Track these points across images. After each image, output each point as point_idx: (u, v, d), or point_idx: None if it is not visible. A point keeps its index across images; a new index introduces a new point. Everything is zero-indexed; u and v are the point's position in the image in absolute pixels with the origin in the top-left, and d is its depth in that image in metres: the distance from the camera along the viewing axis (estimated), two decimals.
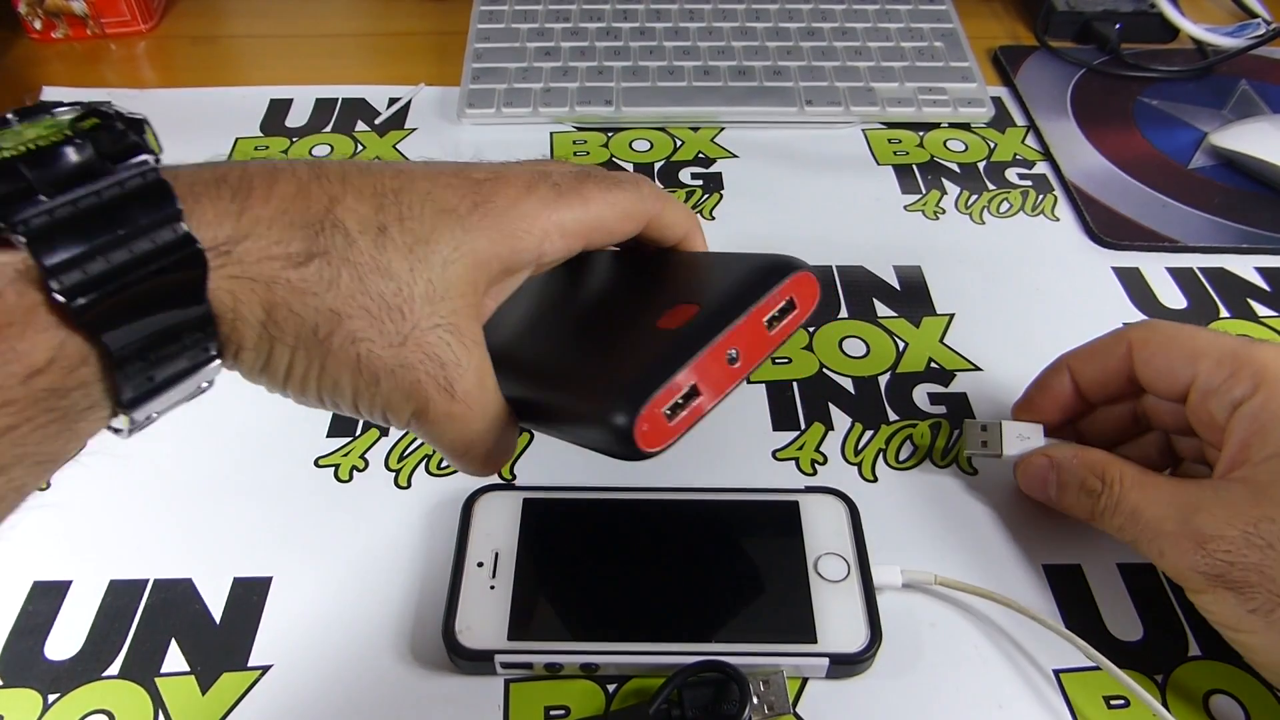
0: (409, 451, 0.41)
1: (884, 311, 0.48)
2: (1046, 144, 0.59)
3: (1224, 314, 0.49)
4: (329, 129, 0.59)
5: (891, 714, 0.33)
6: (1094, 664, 0.33)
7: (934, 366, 0.45)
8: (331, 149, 0.58)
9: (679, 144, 0.59)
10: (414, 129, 0.60)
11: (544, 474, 0.40)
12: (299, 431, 0.42)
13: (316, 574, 0.37)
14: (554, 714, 0.33)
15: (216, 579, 0.36)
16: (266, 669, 0.34)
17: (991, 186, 0.56)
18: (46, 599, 0.36)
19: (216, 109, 0.61)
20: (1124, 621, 0.36)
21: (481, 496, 0.37)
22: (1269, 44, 0.65)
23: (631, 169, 0.57)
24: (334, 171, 0.26)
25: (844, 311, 0.48)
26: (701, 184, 0.56)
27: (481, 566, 0.35)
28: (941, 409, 0.43)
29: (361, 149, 0.58)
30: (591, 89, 0.60)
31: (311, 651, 0.34)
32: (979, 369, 0.45)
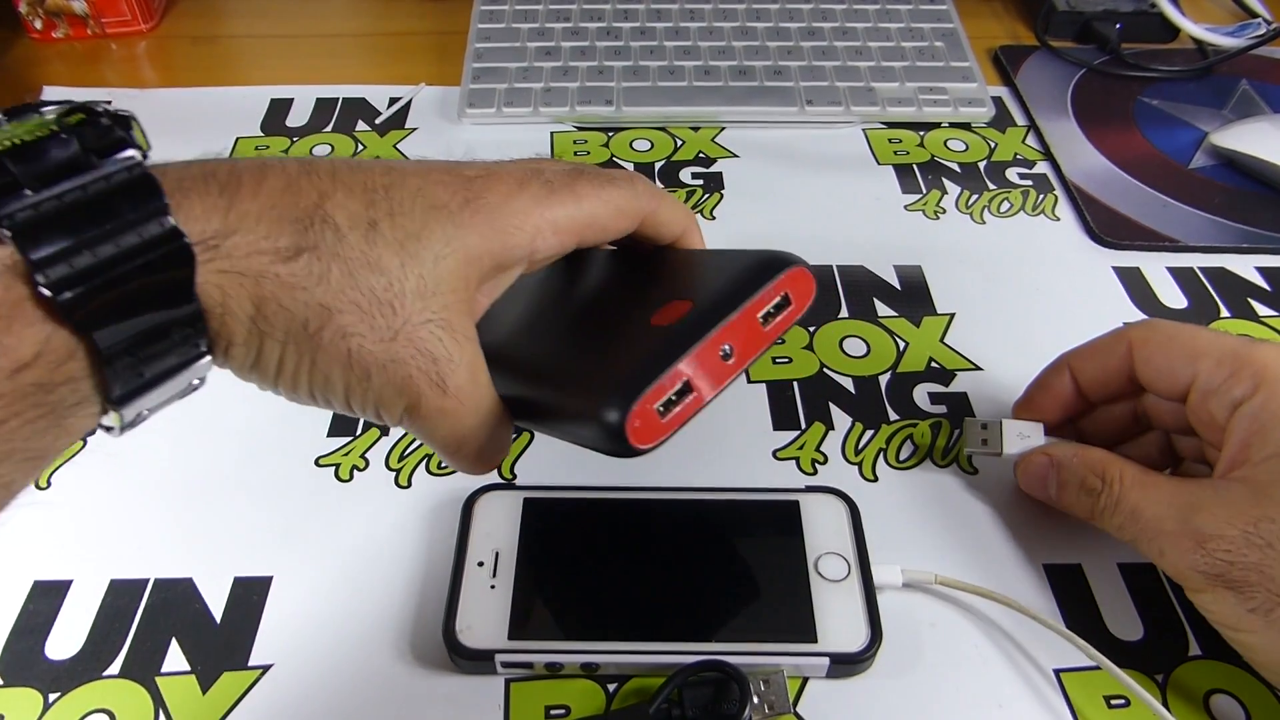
0: (409, 451, 0.41)
1: (884, 311, 0.48)
2: (1047, 144, 0.59)
3: (1224, 314, 0.49)
4: (329, 129, 0.59)
5: (891, 714, 0.33)
6: (1094, 664, 0.33)
7: (934, 366, 0.45)
8: (332, 149, 0.58)
9: (679, 144, 0.59)
10: (414, 129, 0.60)
11: (544, 474, 0.40)
12: (299, 431, 0.42)
13: (317, 574, 0.37)
14: (554, 714, 0.33)
15: (217, 578, 0.36)
16: (267, 668, 0.34)
17: (992, 186, 0.56)
18: (47, 598, 0.36)
19: (217, 109, 0.61)
20: (1124, 621, 0.36)
21: (482, 496, 0.37)
22: (1269, 44, 0.65)
23: (632, 169, 0.57)
24: (324, 168, 0.26)
25: (844, 311, 0.48)
26: (702, 184, 0.56)
27: (482, 566, 0.35)
28: (942, 408, 0.43)
29: (362, 149, 0.58)
30: (592, 89, 0.60)
31: (312, 651, 0.34)
32: (979, 368, 0.45)
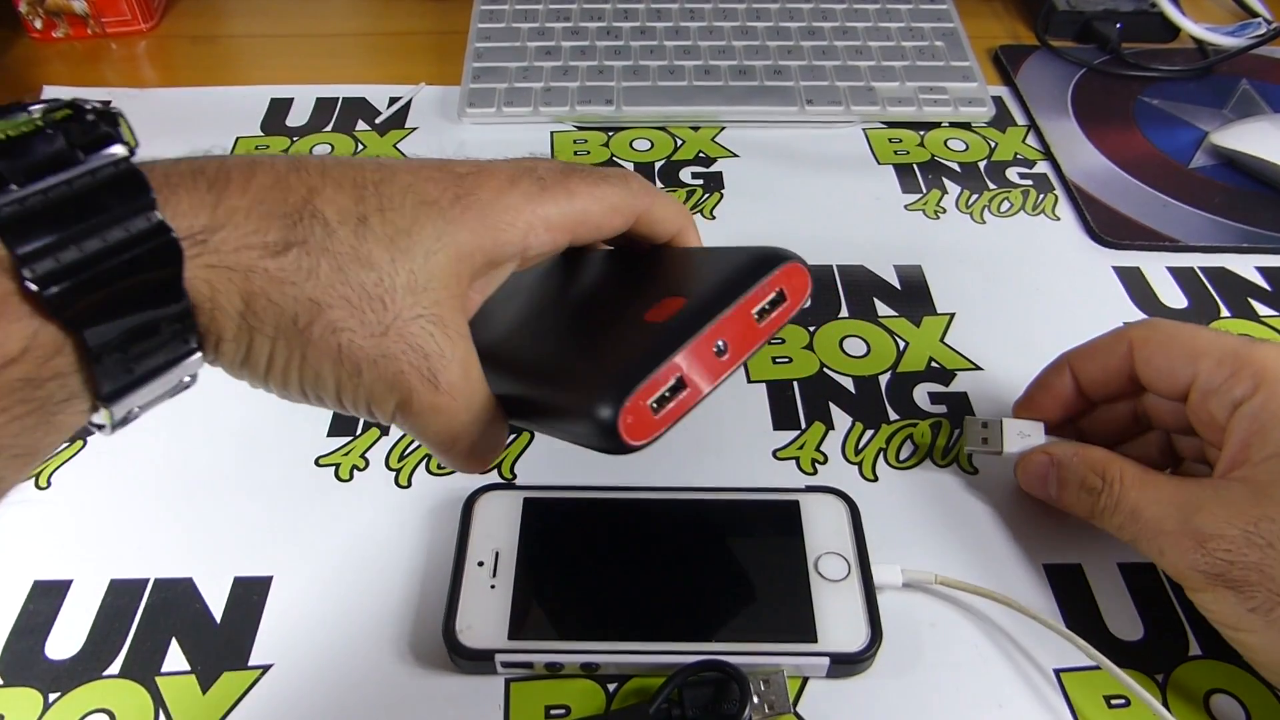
0: (409, 451, 0.41)
1: (884, 311, 0.48)
2: (1047, 143, 0.59)
3: (1225, 313, 0.49)
4: (329, 128, 0.59)
5: (891, 713, 0.33)
6: (1094, 663, 0.33)
7: (934, 366, 0.45)
8: (332, 148, 0.58)
9: (679, 143, 0.59)
10: (414, 128, 0.60)
11: (544, 474, 0.40)
12: (299, 431, 0.42)
13: (316, 573, 0.37)
14: (554, 713, 0.33)
15: (217, 578, 0.36)
16: (267, 668, 0.34)
17: (992, 186, 0.56)
18: (47, 598, 0.36)
19: (217, 108, 0.61)
20: (1124, 621, 0.36)
21: (482, 496, 0.37)
22: (1269, 43, 0.65)
23: (632, 168, 0.57)
24: (313, 164, 0.26)
25: (844, 311, 0.48)
26: (702, 183, 0.56)
27: (482, 566, 0.35)
28: (942, 408, 0.43)
29: (362, 148, 0.58)
30: (592, 88, 0.60)
31: (312, 651, 0.34)
32: (979, 368, 0.45)
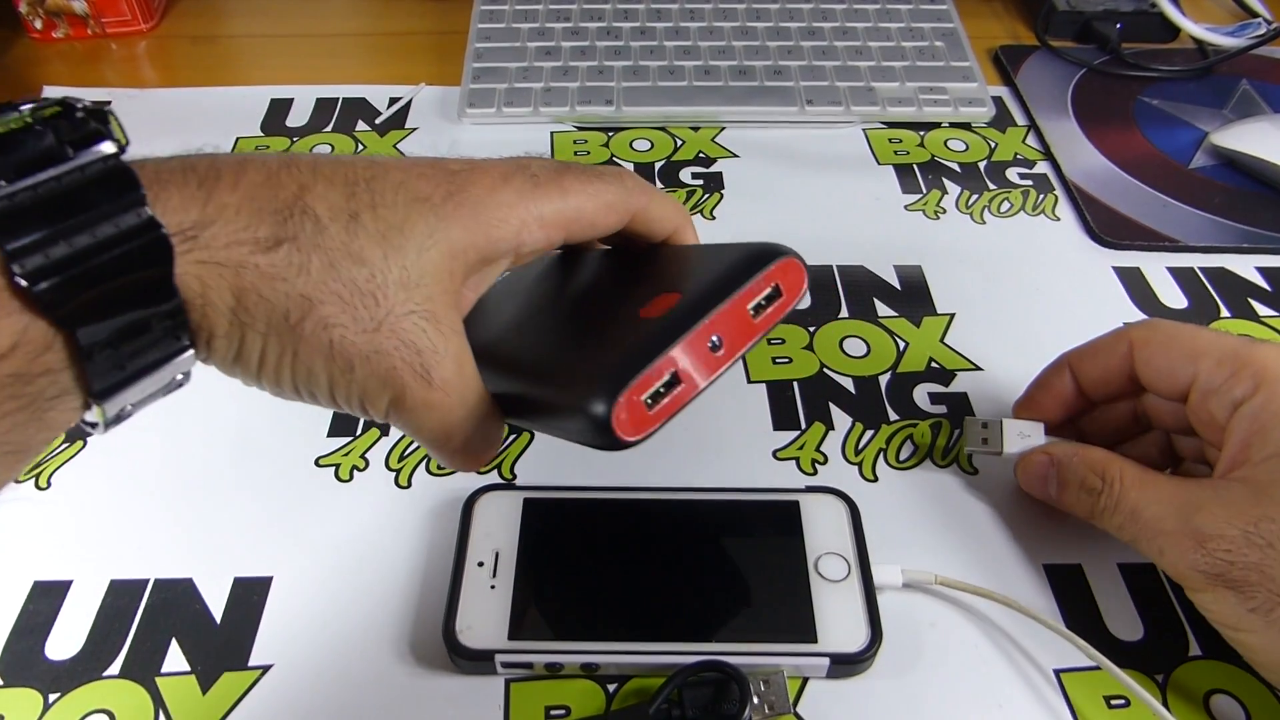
0: (409, 451, 0.41)
1: (884, 311, 0.48)
2: (1047, 143, 0.59)
3: (1225, 314, 0.49)
4: (329, 128, 0.59)
5: (891, 714, 0.33)
6: (1094, 664, 0.33)
7: (934, 366, 0.45)
8: (332, 148, 0.58)
9: (679, 144, 0.59)
10: (414, 129, 0.60)
11: (544, 474, 0.40)
12: (299, 431, 0.42)
13: (316, 574, 0.37)
14: (554, 714, 0.33)
15: (217, 579, 0.36)
16: (267, 668, 0.34)
17: (992, 186, 0.56)
18: (47, 599, 0.36)
19: (217, 109, 0.61)
20: (1124, 621, 0.36)
21: (482, 496, 0.37)
22: (1269, 43, 0.65)
23: (632, 169, 0.57)
24: (305, 162, 0.26)
25: (844, 311, 0.48)
26: (702, 184, 0.56)
27: (482, 566, 0.35)
28: (942, 408, 0.43)
29: (362, 149, 0.58)
30: (592, 88, 0.60)
31: (311, 651, 0.34)
32: (979, 368, 0.45)
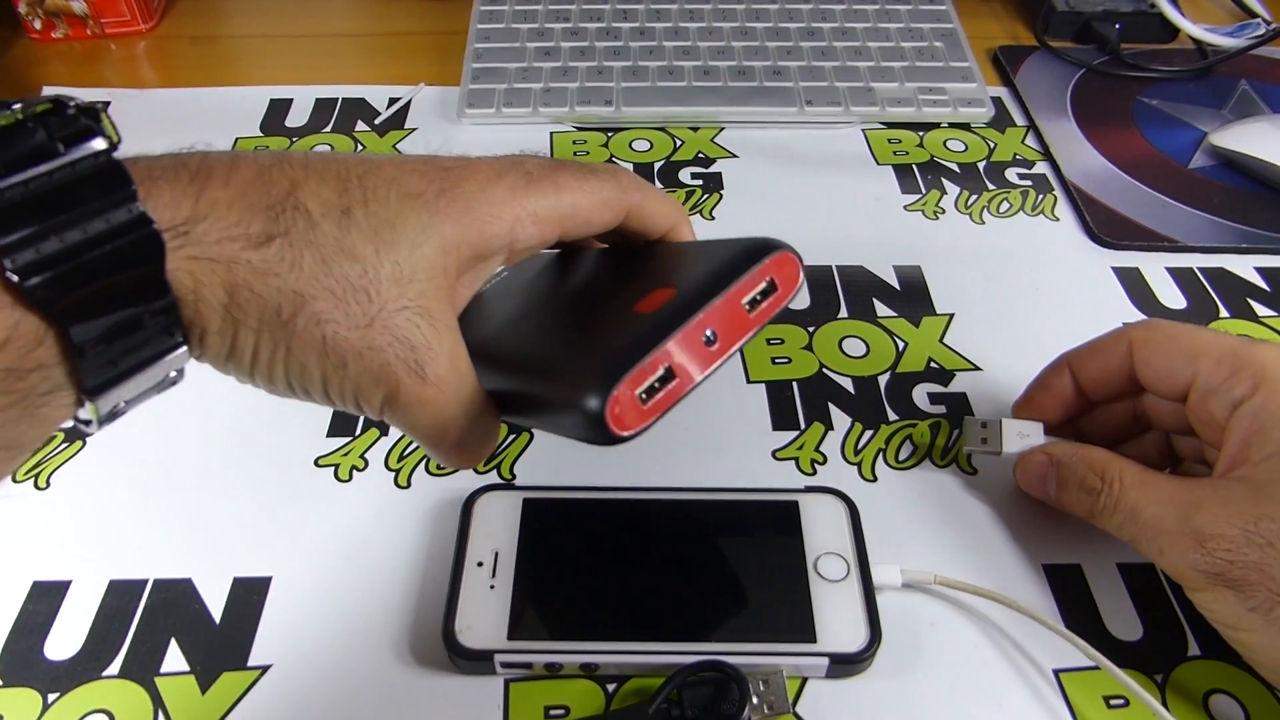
0: (409, 451, 0.41)
1: (884, 311, 0.48)
2: (1046, 144, 0.59)
3: (1224, 314, 0.49)
4: (329, 129, 0.59)
5: (891, 714, 0.33)
6: (1094, 664, 0.33)
7: (934, 366, 0.45)
8: (332, 149, 0.58)
9: (679, 144, 0.59)
10: (414, 129, 0.60)
11: (544, 474, 0.40)
12: (299, 431, 0.42)
13: (316, 574, 0.37)
14: (554, 714, 0.33)
15: (216, 579, 0.36)
16: (266, 669, 0.34)
17: (991, 186, 0.56)
18: (46, 599, 0.36)
19: (216, 109, 0.61)
20: (1124, 621, 0.36)
21: (481, 496, 0.37)
22: (1269, 44, 0.65)
23: (631, 169, 0.57)
24: (297, 159, 0.26)
25: (844, 311, 0.48)
26: (701, 184, 0.56)
27: (481, 566, 0.35)
28: (941, 409, 0.43)
29: (361, 149, 0.58)
30: (591, 89, 0.60)
31: (311, 651, 0.34)
32: (979, 369, 0.45)
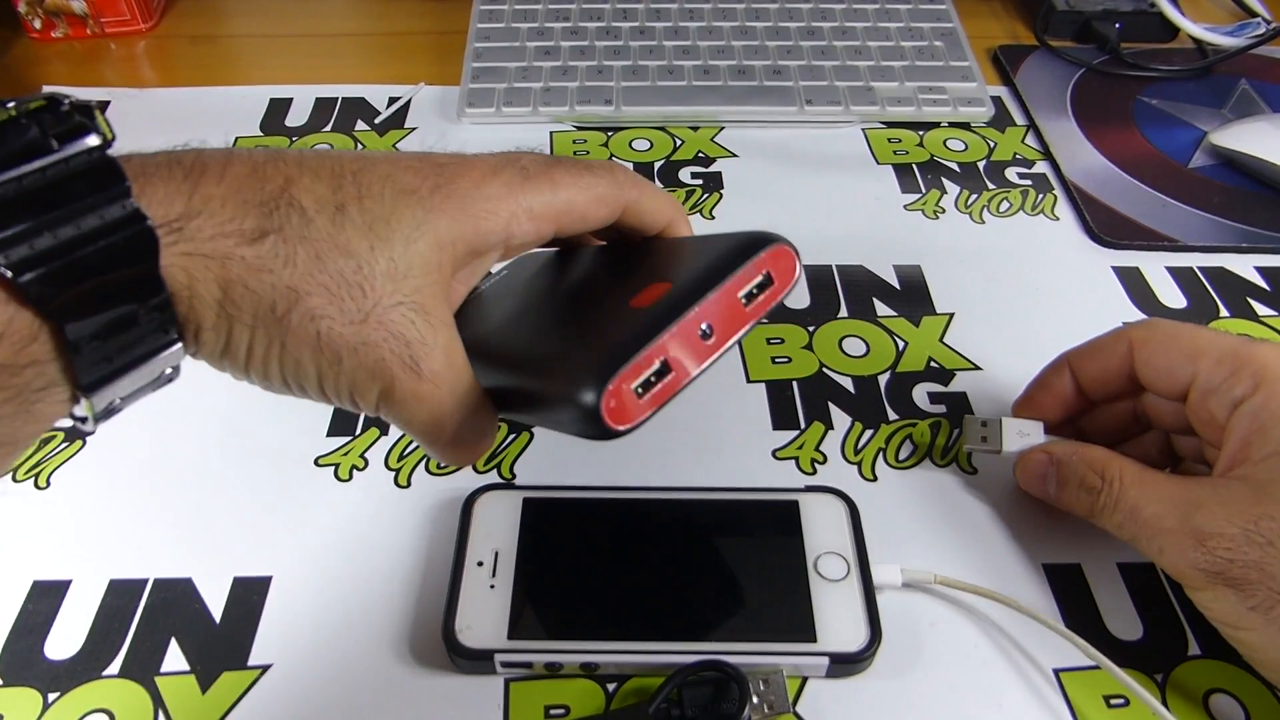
0: (409, 451, 0.41)
1: (884, 311, 0.48)
2: (1046, 143, 0.59)
3: (1224, 313, 0.49)
4: (329, 128, 0.59)
5: (891, 713, 0.33)
6: (1094, 663, 0.33)
7: (934, 366, 0.45)
8: (331, 148, 0.58)
9: (679, 143, 0.59)
10: (414, 128, 0.60)
11: (544, 474, 0.40)
12: (299, 431, 0.42)
13: (316, 574, 0.37)
14: (554, 713, 0.33)
15: (216, 578, 0.36)
16: (266, 668, 0.34)
17: (991, 186, 0.56)
18: (46, 598, 0.36)
19: (216, 108, 0.61)
20: (1124, 620, 0.36)
21: (481, 496, 0.37)
22: (1269, 43, 0.65)
23: (631, 168, 0.57)
24: (291, 155, 0.26)
25: (844, 311, 0.48)
26: (701, 183, 0.56)
27: (481, 566, 0.35)
28: (941, 408, 0.43)
29: (361, 148, 0.58)
30: (591, 88, 0.60)
31: (311, 651, 0.34)
32: (979, 368, 0.45)
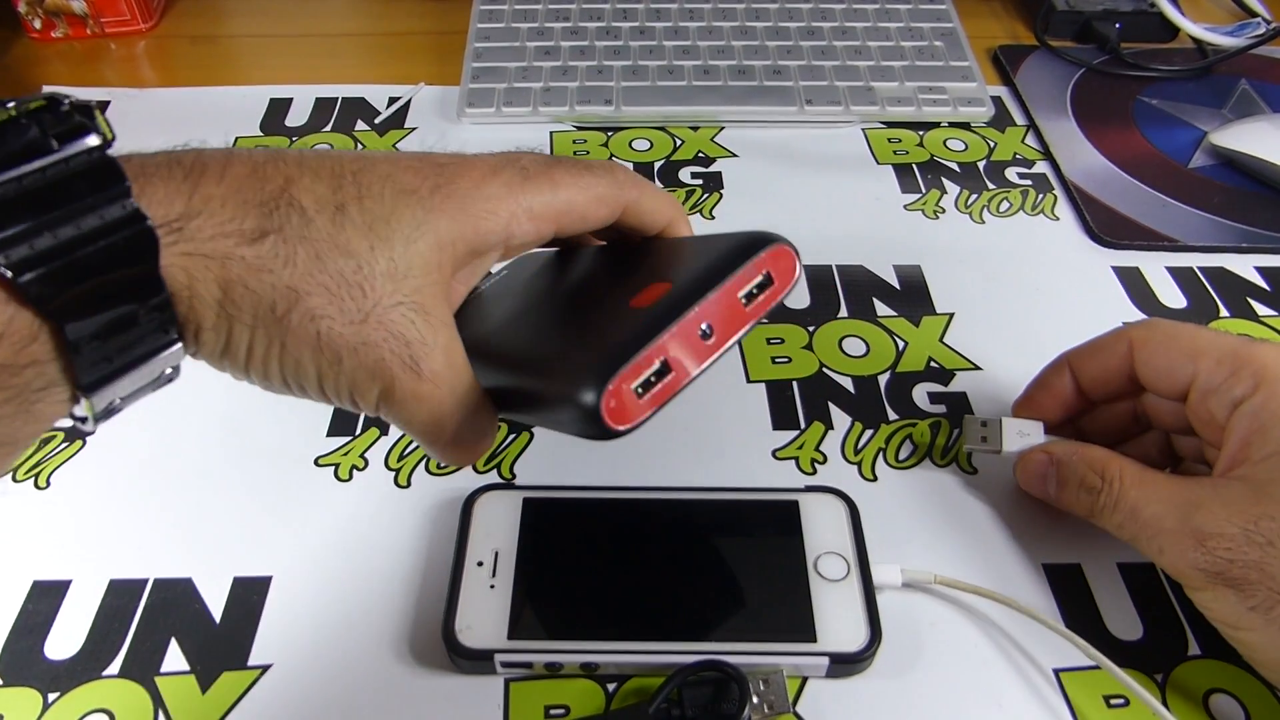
0: (409, 451, 0.41)
1: (884, 311, 0.48)
2: (1046, 143, 0.59)
3: (1224, 313, 0.49)
4: (329, 128, 0.59)
5: (891, 713, 0.33)
6: (1094, 663, 0.33)
7: (934, 366, 0.45)
8: (331, 148, 0.58)
9: (679, 143, 0.59)
10: (414, 128, 0.60)
11: (544, 474, 0.40)
12: (299, 431, 0.42)
13: (316, 574, 0.37)
14: (554, 713, 0.33)
15: (216, 578, 0.36)
16: (266, 668, 0.34)
17: (991, 186, 0.56)
18: (46, 598, 0.36)
19: (216, 108, 0.61)
20: (1124, 620, 0.36)
21: (481, 496, 0.37)
22: (1269, 43, 0.65)
23: (631, 168, 0.57)
24: (291, 155, 0.26)
25: (844, 311, 0.48)
26: (701, 183, 0.56)
27: (481, 566, 0.35)
28: (941, 408, 0.43)
29: (361, 149, 0.58)
30: (591, 88, 0.60)
31: (311, 651, 0.34)
32: (979, 368, 0.45)
